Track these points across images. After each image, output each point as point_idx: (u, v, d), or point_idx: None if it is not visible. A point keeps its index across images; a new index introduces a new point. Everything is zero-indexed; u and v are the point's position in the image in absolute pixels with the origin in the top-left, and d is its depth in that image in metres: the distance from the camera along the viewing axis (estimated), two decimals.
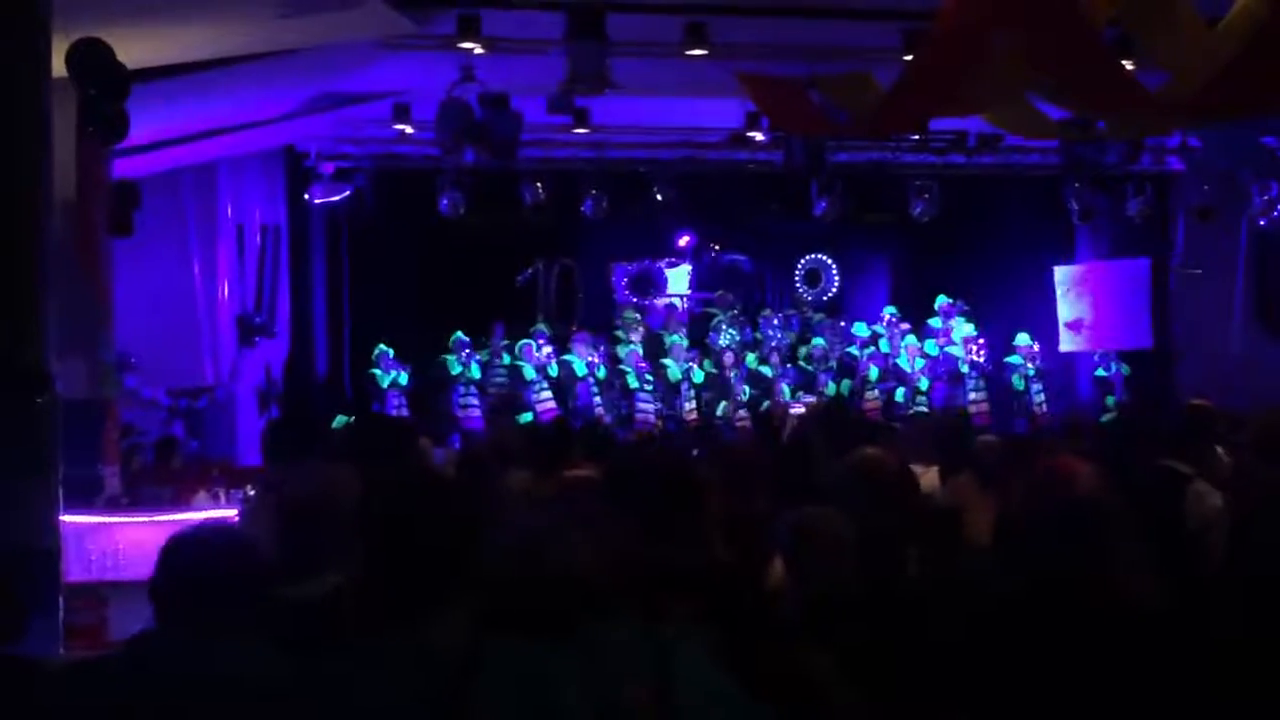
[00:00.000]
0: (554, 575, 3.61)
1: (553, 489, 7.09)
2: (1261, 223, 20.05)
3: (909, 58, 12.16)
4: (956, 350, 20.98)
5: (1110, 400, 20.79)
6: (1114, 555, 4.33)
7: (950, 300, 21.36)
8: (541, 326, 20.83)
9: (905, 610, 4.77)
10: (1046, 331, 21.46)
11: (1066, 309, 21.56)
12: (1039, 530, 4.78)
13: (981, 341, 21.02)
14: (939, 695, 4.41)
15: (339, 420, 15.50)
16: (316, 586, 4.41)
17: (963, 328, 21.20)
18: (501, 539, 3.71)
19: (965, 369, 20.78)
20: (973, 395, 20.80)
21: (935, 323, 21.44)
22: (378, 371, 19.44)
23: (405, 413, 19.23)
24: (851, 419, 14.77)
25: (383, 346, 19.52)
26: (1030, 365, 20.84)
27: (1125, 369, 21.16)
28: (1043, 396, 20.84)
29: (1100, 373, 21.30)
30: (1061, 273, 21.81)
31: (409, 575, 3.54)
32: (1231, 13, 8.84)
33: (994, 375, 21.01)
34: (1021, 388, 20.75)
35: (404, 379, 19.56)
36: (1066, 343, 21.47)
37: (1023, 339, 20.94)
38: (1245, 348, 20.64)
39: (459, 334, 19.78)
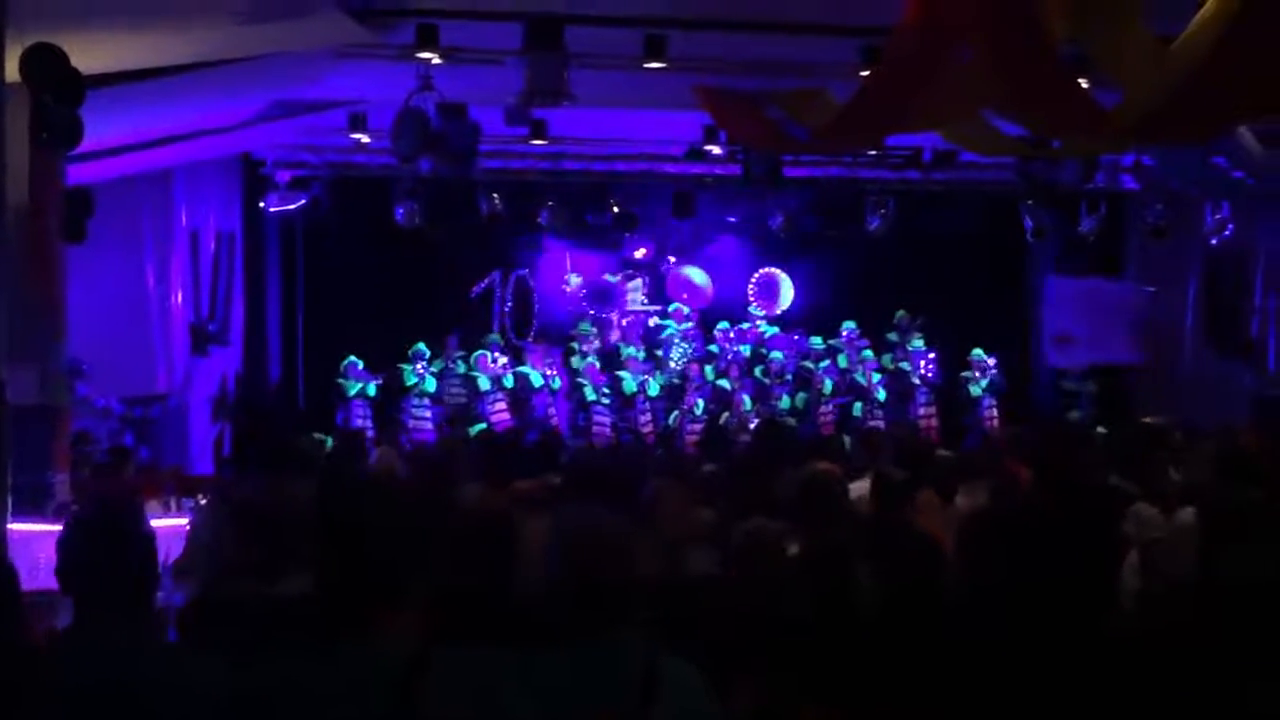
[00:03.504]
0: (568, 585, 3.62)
1: (504, 501, 7.07)
2: (1213, 242, 20.20)
3: (866, 73, 12.20)
4: (906, 364, 21.09)
5: (1073, 415, 20.88)
6: (1053, 569, 4.35)
7: (909, 315, 21.43)
8: (496, 337, 20.82)
9: (852, 622, 4.78)
10: (1003, 345, 21.57)
11: (1057, 322, 21.54)
12: (986, 542, 4.79)
13: (932, 356, 21.15)
14: (890, 704, 4.42)
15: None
16: (287, 586, 4.41)
17: (914, 342, 21.30)
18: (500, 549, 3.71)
19: (916, 381, 20.91)
20: (923, 410, 20.91)
21: (893, 337, 21.52)
22: (345, 381, 19.37)
23: (369, 423, 19.17)
24: (792, 432, 14.85)
25: (352, 357, 19.47)
26: (983, 378, 20.96)
27: (1092, 386, 21.25)
28: (995, 411, 20.95)
29: (1069, 385, 21.37)
30: (1058, 285, 21.79)
31: (358, 581, 3.52)
32: (1187, 32, 8.89)
33: (946, 390, 21.12)
34: (977, 394, 20.86)
35: (371, 389, 19.50)
36: (1055, 356, 21.48)
37: (977, 353, 21.06)
38: (1196, 365, 20.80)
39: (420, 345, 19.73)
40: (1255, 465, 7.22)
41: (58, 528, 10.25)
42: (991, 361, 21.10)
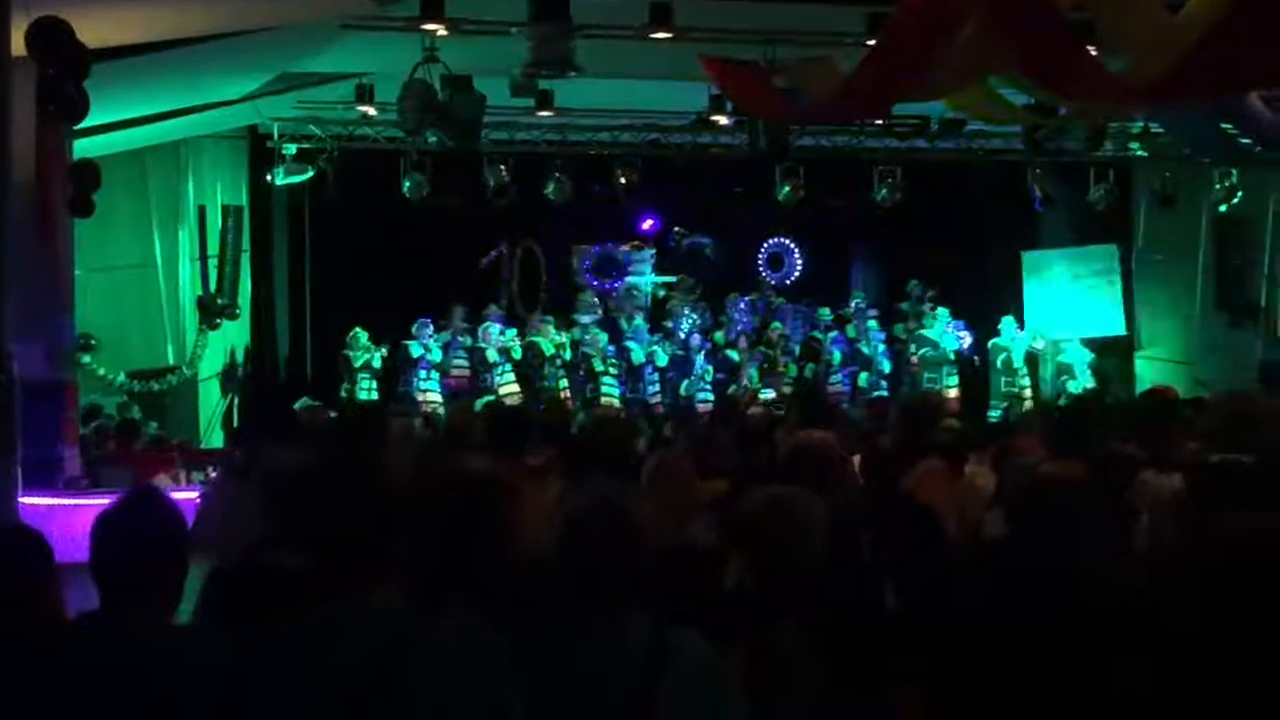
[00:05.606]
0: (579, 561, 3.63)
1: (513, 474, 7.06)
2: (1222, 209, 20.17)
3: (872, 42, 12.17)
4: (933, 333, 20.96)
5: (1072, 385, 20.83)
6: (1068, 538, 4.35)
7: (921, 286, 21.36)
8: (503, 309, 20.81)
9: (860, 588, 4.79)
10: (1014, 315, 21.51)
11: (1034, 294, 21.54)
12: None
13: (964, 334, 21.09)
14: (895, 669, 4.42)
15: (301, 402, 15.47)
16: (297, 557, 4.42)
17: (939, 313, 21.17)
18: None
19: (951, 355, 20.83)
20: (949, 380, 20.81)
21: (906, 307, 21.48)
22: (352, 353, 19.41)
23: (375, 395, 19.19)
24: (819, 402, 14.87)
25: (358, 329, 19.51)
26: (1039, 347, 20.99)
27: (1089, 355, 21.19)
28: (1028, 381, 20.89)
29: (1063, 358, 21.32)
30: (1030, 258, 21.77)
31: (340, 551, 3.52)
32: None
33: (972, 360, 21.10)
34: (1043, 369, 20.98)
35: (377, 361, 19.52)
36: (1032, 327, 21.39)
37: (1008, 323, 20.98)
38: (1206, 333, 20.78)
39: (423, 319, 19.74)
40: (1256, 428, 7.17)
41: (67, 500, 10.29)
42: (1021, 332, 21.07)
